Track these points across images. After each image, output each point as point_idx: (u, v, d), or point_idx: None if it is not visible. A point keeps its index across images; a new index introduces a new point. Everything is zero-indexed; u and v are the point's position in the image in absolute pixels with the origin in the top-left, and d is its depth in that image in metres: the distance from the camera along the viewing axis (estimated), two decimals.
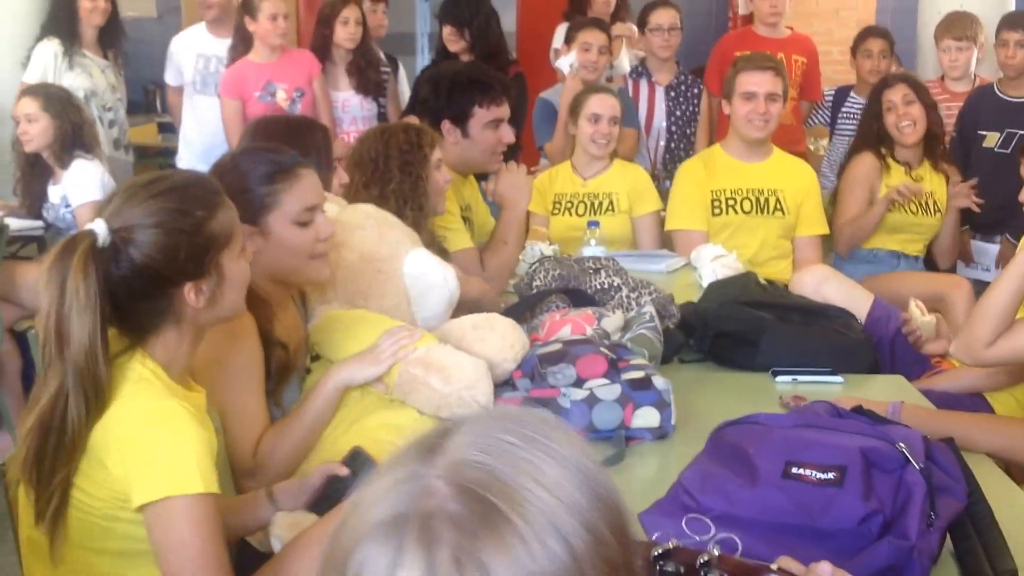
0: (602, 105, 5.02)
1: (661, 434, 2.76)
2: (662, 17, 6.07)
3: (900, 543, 1.92)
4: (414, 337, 2.73)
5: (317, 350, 2.86)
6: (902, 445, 2.05)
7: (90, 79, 6.20)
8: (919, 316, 3.66)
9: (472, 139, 4.15)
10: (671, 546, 1.46)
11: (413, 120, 4.22)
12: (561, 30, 6.41)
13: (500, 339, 2.92)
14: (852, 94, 6.52)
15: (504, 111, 4.20)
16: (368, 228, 3.07)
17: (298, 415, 2.68)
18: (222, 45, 6.35)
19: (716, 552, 1.45)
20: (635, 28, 6.45)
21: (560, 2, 7.01)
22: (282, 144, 3.30)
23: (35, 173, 5.47)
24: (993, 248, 5.47)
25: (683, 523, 1.77)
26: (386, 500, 0.97)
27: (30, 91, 5.57)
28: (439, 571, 0.91)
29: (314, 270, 2.79)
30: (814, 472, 2.02)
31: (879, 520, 1.96)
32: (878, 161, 5.24)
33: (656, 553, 1.45)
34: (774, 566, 1.45)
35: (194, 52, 6.43)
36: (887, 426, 2.21)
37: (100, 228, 2.11)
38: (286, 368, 2.73)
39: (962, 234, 5.53)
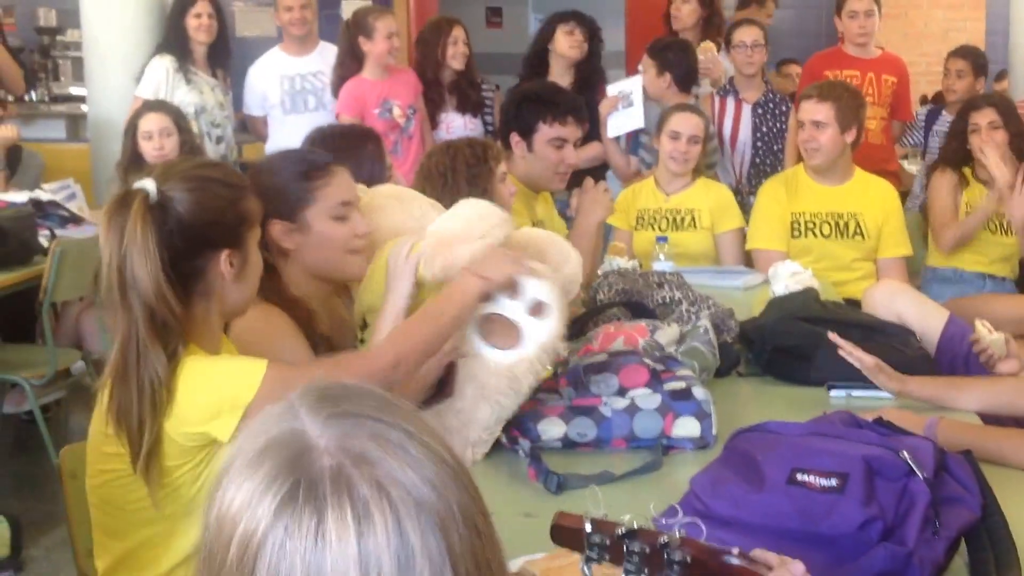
0: (683, 123, 5.08)
1: (702, 444, 2.81)
2: (744, 34, 6.11)
3: (896, 549, 1.96)
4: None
5: (367, 315, 2.98)
6: (905, 454, 2.09)
7: (200, 96, 6.40)
8: (987, 335, 3.62)
9: (536, 154, 4.24)
10: (635, 526, 1.52)
11: None
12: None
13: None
14: (943, 113, 6.50)
15: (569, 132, 4.28)
16: (391, 207, 3.17)
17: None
18: (304, 63, 6.55)
19: (678, 534, 1.51)
20: (714, 52, 6.46)
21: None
22: (338, 153, 3.45)
23: None
24: None
25: (650, 506, 1.83)
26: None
27: (158, 107, 5.76)
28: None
29: (351, 266, 2.92)
30: (818, 479, 2.07)
31: (879, 526, 2.00)
32: (957, 176, 5.24)
33: (620, 532, 1.51)
34: (735, 550, 1.50)
35: (277, 75, 6.59)
36: (900, 437, 2.25)
37: (150, 186, 2.26)
38: None
39: None
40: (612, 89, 5.91)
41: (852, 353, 3.15)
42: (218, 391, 2.25)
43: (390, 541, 1.00)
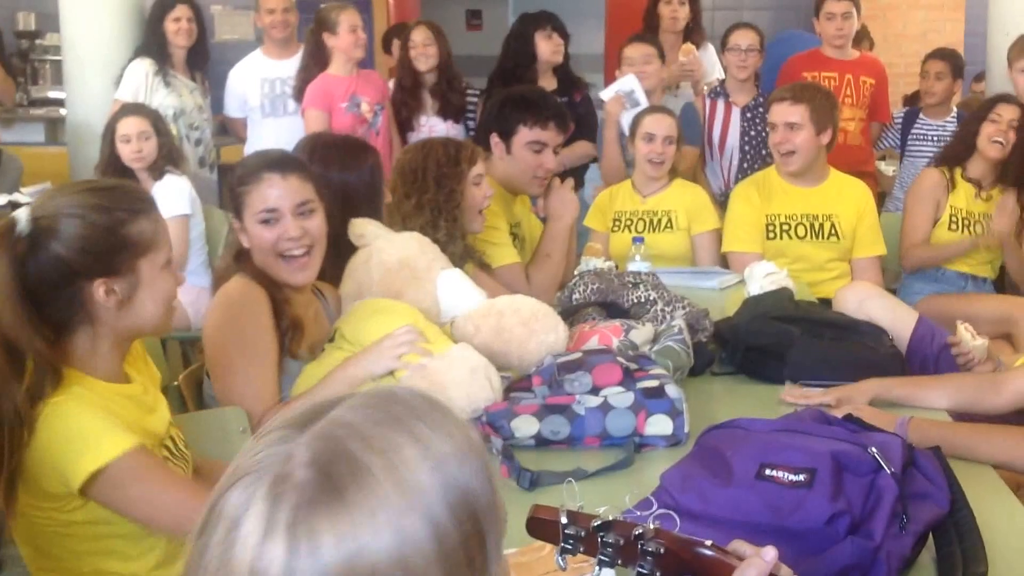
0: (656, 124, 5.10)
1: (675, 441, 2.82)
2: (740, 38, 6.09)
3: (863, 543, 1.97)
4: (416, 344, 2.87)
5: (338, 332, 3.02)
6: (874, 450, 2.10)
7: (179, 99, 6.40)
8: (969, 340, 3.62)
9: (514, 156, 4.24)
10: (610, 518, 1.52)
11: None
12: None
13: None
14: (921, 115, 6.53)
15: (549, 136, 4.28)
16: (410, 241, 3.21)
17: (308, 398, 2.75)
18: (283, 67, 6.53)
19: (652, 526, 1.52)
20: (695, 54, 6.46)
21: None
22: (336, 162, 3.46)
23: None
24: None
25: (626, 498, 1.84)
26: (258, 455, 1.07)
27: (136, 110, 5.71)
28: (275, 528, 1.01)
29: (285, 271, 2.96)
30: (786, 474, 2.08)
31: (846, 521, 2.01)
32: (943, 178, 5.25)
33: (595, 524, 1.52)
34: (708, 542, 1.51)
35: (257, 78, 6.59)
36: (869, 433, 2.27)
37: (22, 216, 2.23)
38: (296, 338, 2.94)
39: None
40: (608, 92, 5.88)
41: (807, 396, 3.17)
42: (72, 448, 2.20)
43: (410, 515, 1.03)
